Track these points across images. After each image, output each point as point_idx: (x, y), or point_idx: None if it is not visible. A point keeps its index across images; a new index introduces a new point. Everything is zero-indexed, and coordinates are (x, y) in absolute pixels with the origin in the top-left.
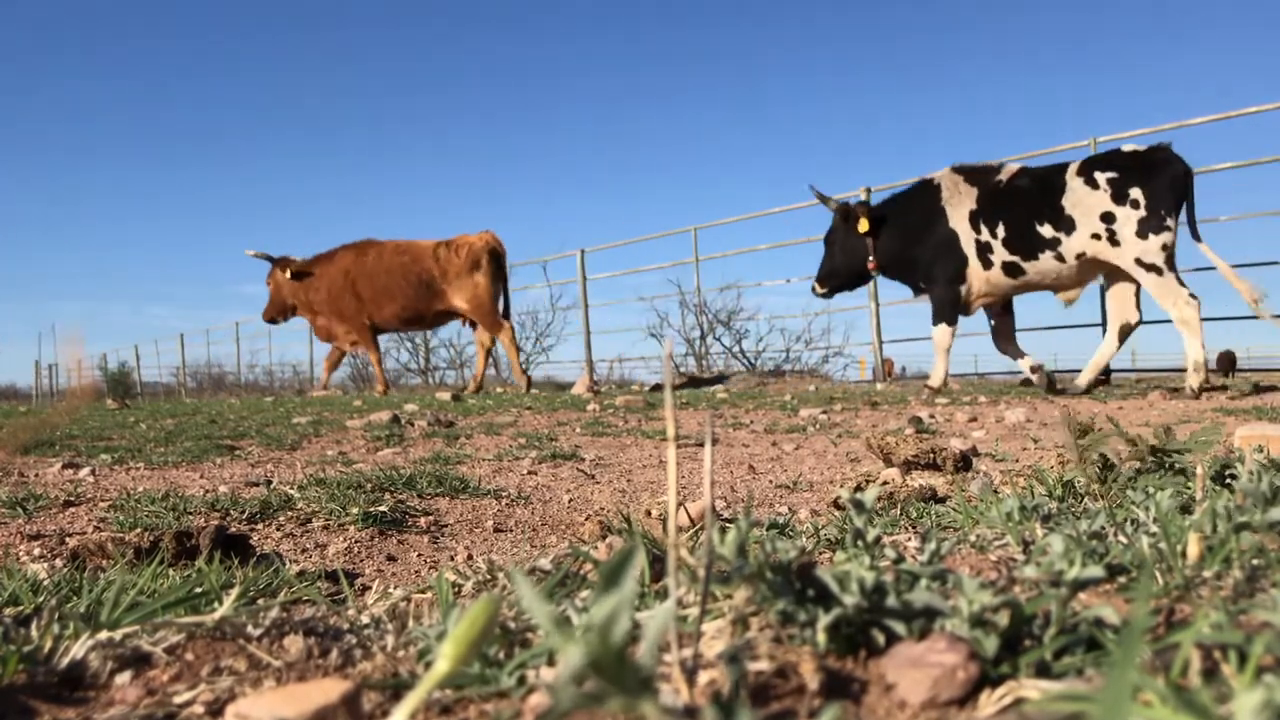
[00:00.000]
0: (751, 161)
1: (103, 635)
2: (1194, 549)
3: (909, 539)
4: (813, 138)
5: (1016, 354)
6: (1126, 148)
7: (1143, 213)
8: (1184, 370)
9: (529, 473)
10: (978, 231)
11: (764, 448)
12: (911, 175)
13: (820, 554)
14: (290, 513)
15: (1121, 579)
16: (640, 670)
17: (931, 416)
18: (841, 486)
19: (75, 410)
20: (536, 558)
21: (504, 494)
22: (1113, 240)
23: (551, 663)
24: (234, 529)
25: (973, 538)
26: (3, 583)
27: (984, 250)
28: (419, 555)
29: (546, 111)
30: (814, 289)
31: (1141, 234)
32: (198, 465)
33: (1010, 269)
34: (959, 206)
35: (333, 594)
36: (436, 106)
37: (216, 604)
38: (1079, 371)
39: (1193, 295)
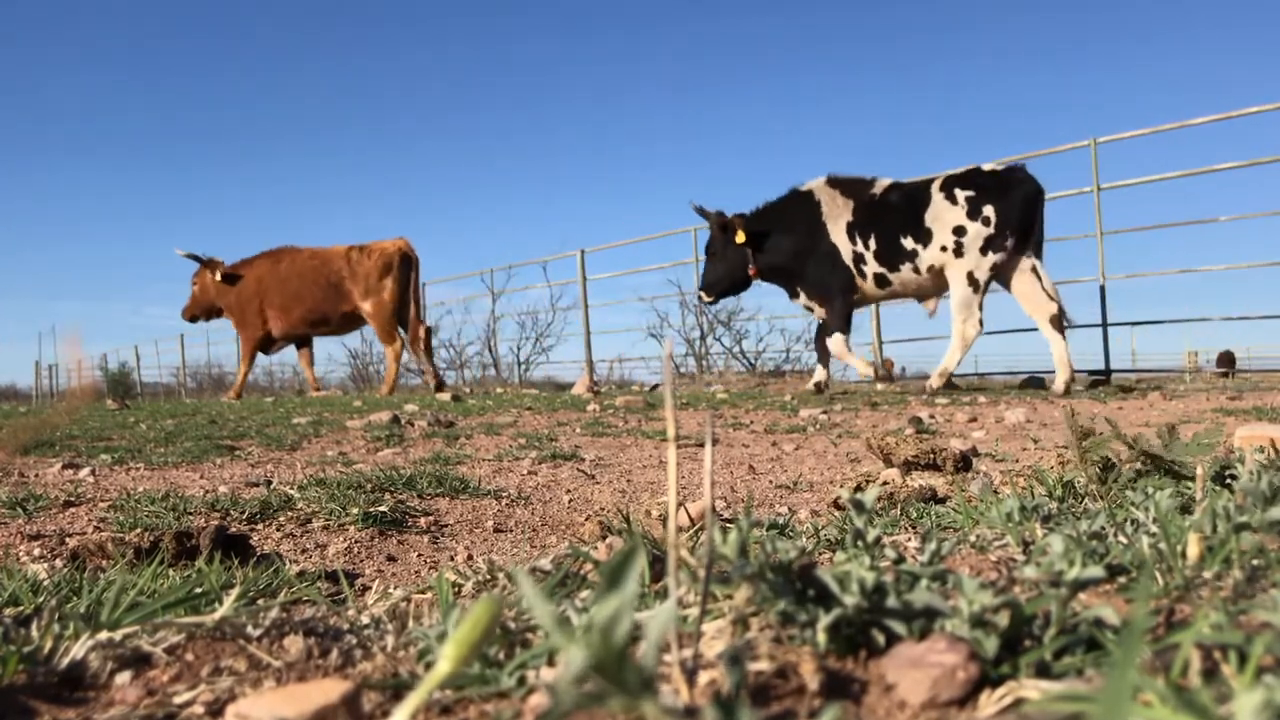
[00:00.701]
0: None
1: (103, 635)
2: (1194, 549)
3: (909, 539)
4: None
5: (826, 359)
6: (986, 167)
7: (991, 230)
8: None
9: (529, 473)
10: (854, 243)
11: (764, 448)
12: (910, 174)
13: (820, 554)
14: (290, 513)
15: (1122, 579)
16: (642, 670)
17: (932, 417)
18: (842, 487)
19: (75, 410)
20: (537, 558)
21: (504, 494)
22: (957, 252)
23: (552, 663)
24: (234, 529)
25: (973, 538)
26: (3, 583)
27: (859, 261)
28: (419, 555)
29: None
30: (700, 297)
31: (984, 250)
32: (198, 465)
33: (880, 280)
34: (838, 219)
35: (333, 594)
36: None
37: (216, 604)
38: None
39: (980, 321)
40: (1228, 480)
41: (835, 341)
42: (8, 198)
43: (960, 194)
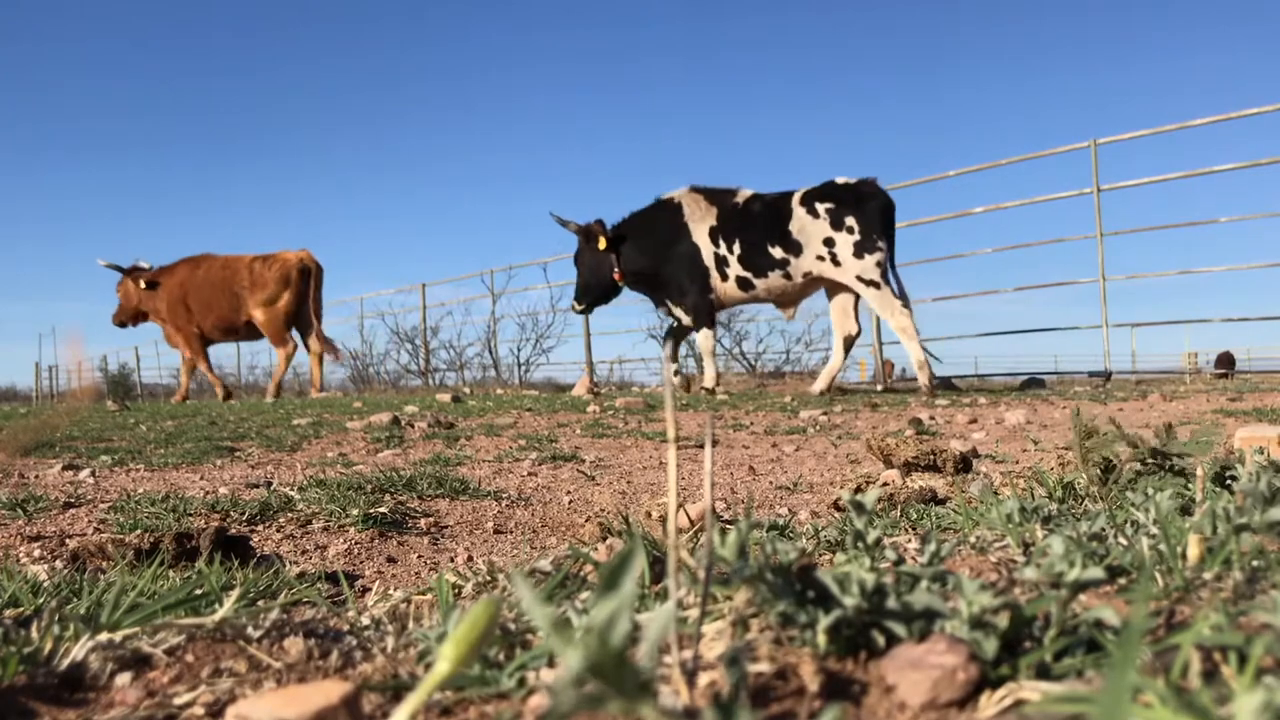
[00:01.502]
0: (751, 162)
1: (103, 637)
2: (1194, 550)
3: (909, 541)
4: (812, 137)
5: (674, 357)
6: (839, 180)
7: (857, 236)
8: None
9: (529, 474)
10: (717, 246)
11: (764, 449)
12: (911, 175)
13: (821, 556)
14: (290, 514)
15: (1122, 580)
16: (639, 673)
17: (932, 418)
18: (842, 488)
19: (75, 412)
20: (537, 559)
21: (504, 495)
22: (834, 261)
23: (552, 664)
24: (234, 530)
25: (973, 539)
26: (3, 584)
27: (721, 263)
28: (419, 557)
29: (546, 111)
30: (573, 307)
31: (858, 254)
32: (198, 467)
33: (743, 283)
34: (700, 223)
35: (333, 595)
36: (436, 106)
37: (217, 605)
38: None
39: (905, 305)
40: (1228, 481)
41: (702, 338)
42: (8, 198)
43: (820, 207)
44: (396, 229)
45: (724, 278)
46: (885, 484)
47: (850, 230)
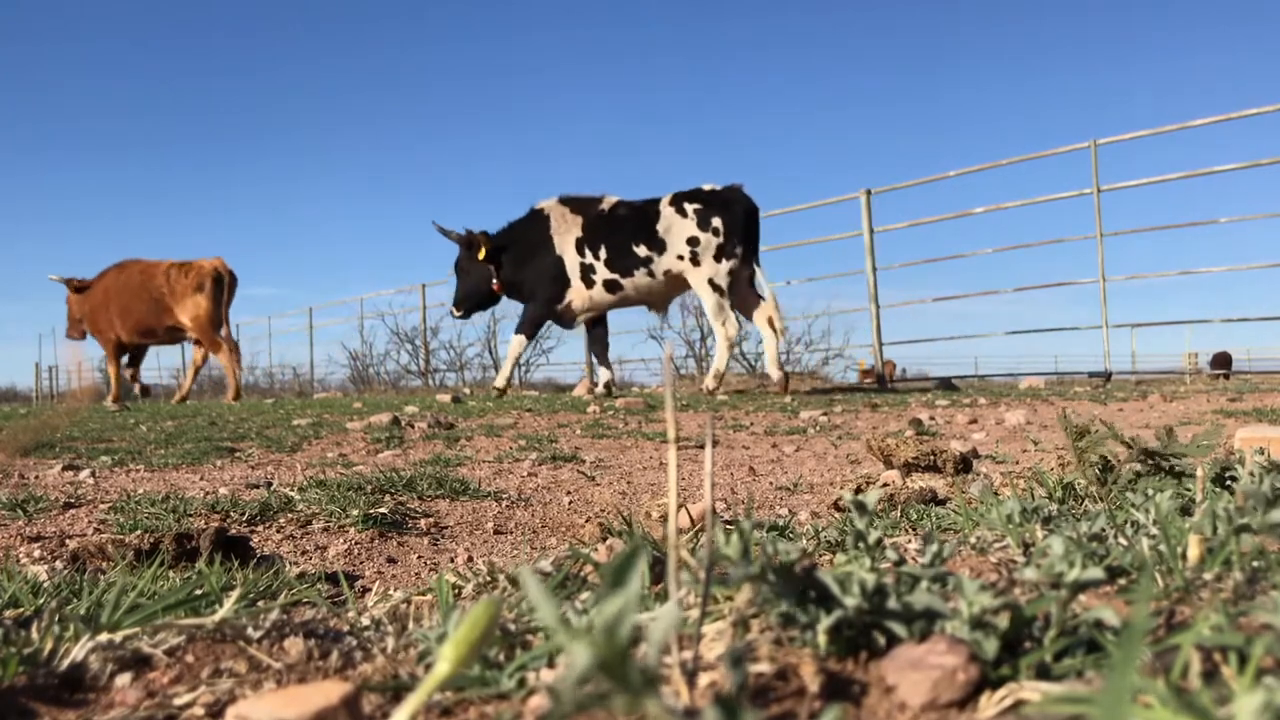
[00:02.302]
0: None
1: (103, 637)
2: (1194, 551)
3: (910, 541)
4: (812, 138)
5: (604, 363)
6: (707, 186)
7: (720, 240)
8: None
9: (529, 474)
10: (583, 255)
11: (764, 449)
12: (911, 175)
13: (821, 556)
14: (290, 515)
15: (1122, 581)
16: (647, 669)
17: (932, 419)
18: (842, 488)
19: (75, 412)
20: (537, 560)
21: (504, 496)
22: (694, 261)
23: (551, 664)
24: (234, 531)
25: (973, 540)
26: (3, 585)
27: (587, 272)
28: (419, 557)
29: (545, 111)
30: (452, 312)
31: (717, 258)
32: (198, 467)
33: (610, 285)
34: (566, 234)
35: (333, 596)
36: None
37: (217, 606)
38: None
39: (737, 320)
40: (1228, 482)
41: (515, 342)
42: (8, 198)
43: (689, 207)
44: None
45: (590, 284)
46: (886, 484)
47: (716, 232)
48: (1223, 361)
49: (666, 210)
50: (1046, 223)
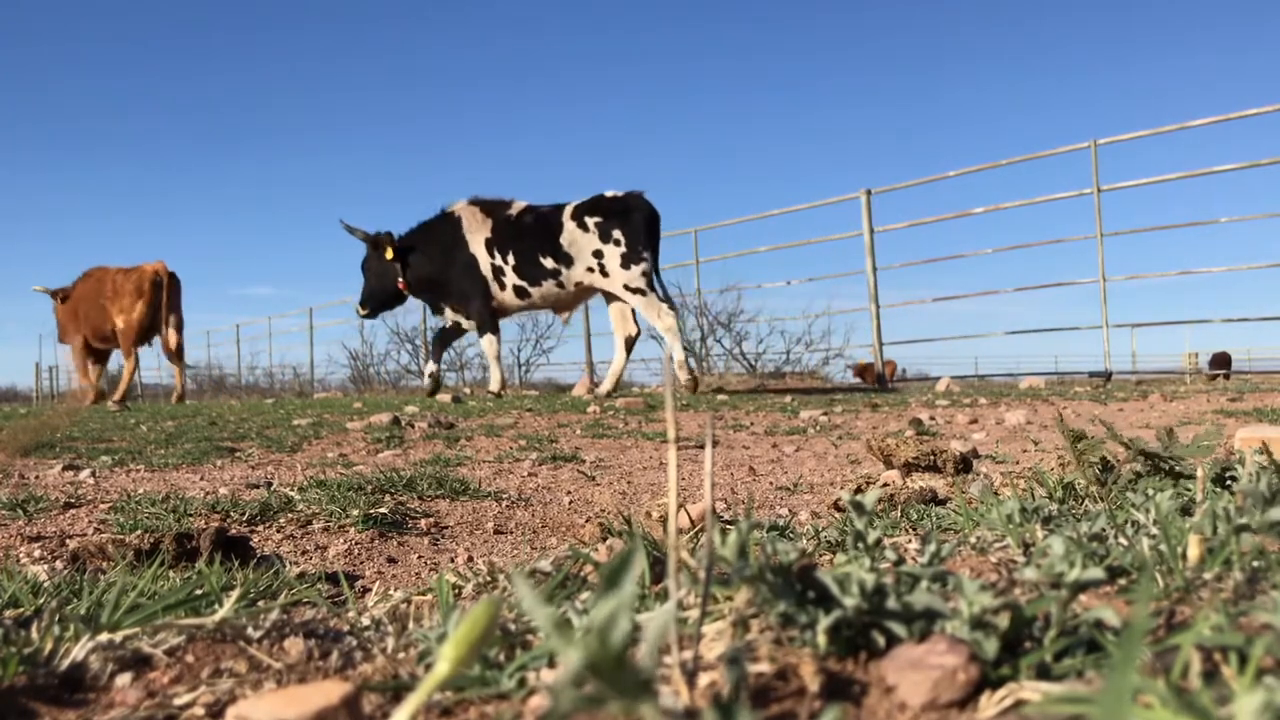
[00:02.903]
0: (752, 163)
1: (103, 637)
2: (1194, 551)
3: (909, 541)
4: (812, 138)
5: (438, 358)
6: (608, 194)
7: (624, 249)
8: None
9: (529, 474)
10: (493, 257)
11: (764, 450)
12: (912, 175)
13: (821, 556)
14: (290, 515)
15: (1122, 581)
16: (640, 673)
17: (932, 419)
18: (842, 488)
19: (76, 412)
20: (537, 560)
21: (504, 496)
22: (603, 272)
23: (552, 664)
24: (234, 531)
25: (973, 540)
26: (3, 584)
27: (498, 273)
28: (419, 557)
29: (545, 111)
30: (358, 310)
31: (624, 265)
32: (198, 467)
33: (519, 291)
34: (477, 234)
35: (333, 596)
36: (436, 107)
37: (217, 606)
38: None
39: (671, 307)
40: (1228, 482)
41: (486, 343)
42: (8, 198)
43: (589, 221)
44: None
45: (502, 287)
46: (885, 484)
47: (617, 243)
48: (1221, 361)
49: (569, 224)
50: (1046, 223)
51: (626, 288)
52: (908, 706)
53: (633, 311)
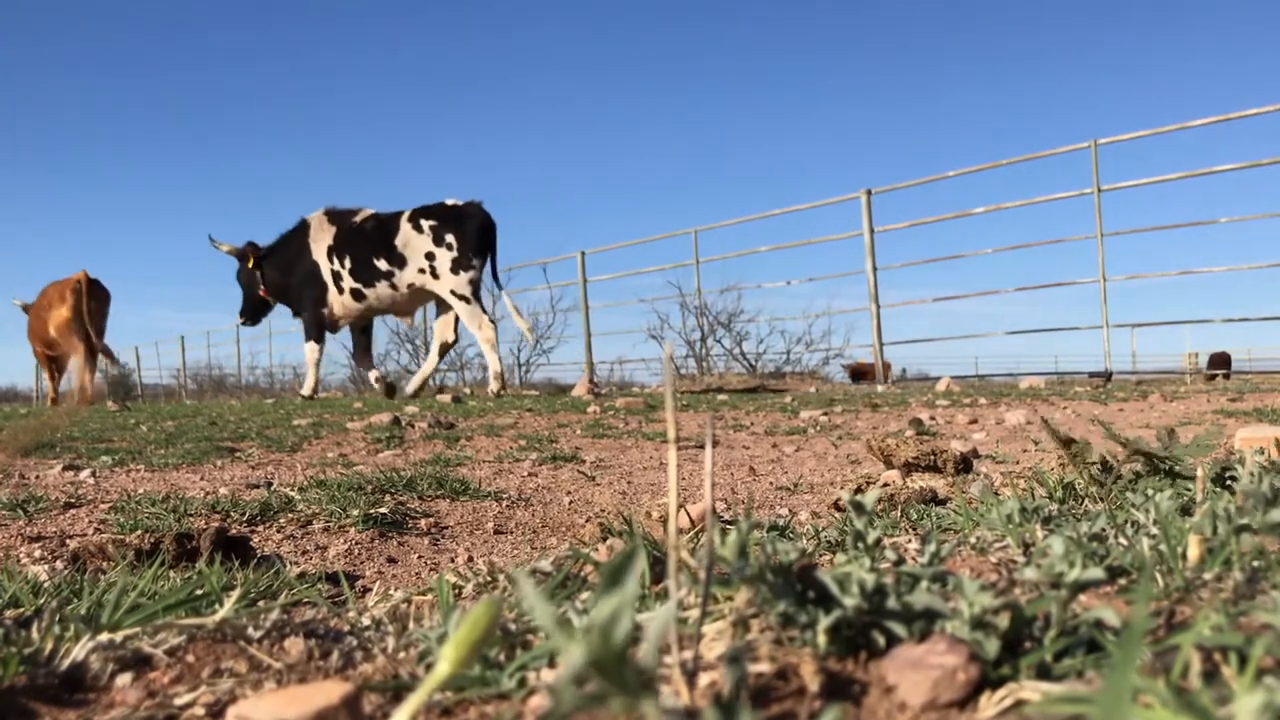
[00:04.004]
0: (752, 163)
1: (103, 637)
2: (1194, 551)
3: (909, 541)
4: (813, 139)
5: (368, 367)
6: (449, 201)
7: (455, 254)
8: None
9: (529, 475)
10: (333, 263)
11: (764, 450)
12: (912, 175)
13: (821, 556)
14: (291, 515)
15: (1122, 581)
16: (642, 671)
17: (932, 419)
18: (842, 488)
19: (76, 412)
20: (537, 560)
21: (504, 496)
22: (434, 274)
23: (552, 664)
24: (234, 531)
25: (973, 540)
26: (4, 585)
27: (337, 278)
28: (419, 557)
29: (545, 112)
30: (239, 320)
31: (454, 270)
32: (198, 467)
33: (356, 294)
34: (320, 242)
35: (333, 596)
36: (436, 107)
37: (217, 606)
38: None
39: (491, 320)
40: (1228, 482)
41: (308, 350)
42: (7, 198)
43: (425, 224)
44: None
45: (340, 291)
46: (885, 484)
47: (450, 247)
48: (1221, 361)
49: (405, 226)
50: (1047, 223)
51: (453, 293)
52: (908, 706)
53: (455, 322)
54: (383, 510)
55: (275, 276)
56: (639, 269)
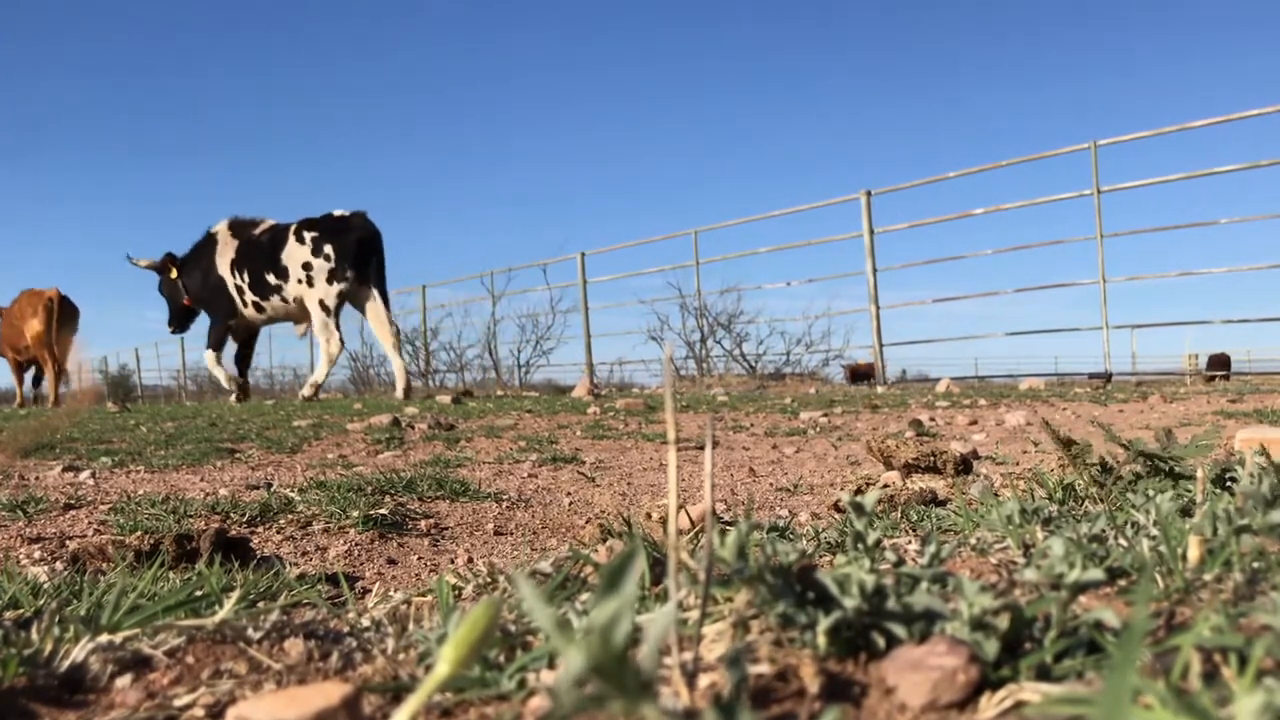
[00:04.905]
0: (752, 164)
1: (103, 638)
2: (1194, 552)
3: (909, 542)
4: (813, 139)
5: (244, 371)
6: (336, 213)
7: (331, 264)
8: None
9: (529, 476)
10: (235, 277)
11: (764, 451)
12: (912, 176)
13: (821, 557)
14: (291, 515)
15: (1122, 582)
16: (641, 673)
17: (932, 420)
18: (842, 489)
19: (76, 413)
20: (537, 561)
21: (504, 497)
22: (310, 283)
23: (552, 665)
24: (234, 532)
25: (973, 541)
26: (3, 586)
27: (241, 292)
28: (419, 558)
29: (546, 113)
30: (170, 330)
31: (329, 281)
32: (198, 468)
33: (257, 307)
34: (225, 257)
35: (333, 597)
36: (437, 107)
37: (217, 607)
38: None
39: (341, 340)
40: (1228, 483)
41: (206, 356)
42: (7, 198)
43: (307, 235)
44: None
45: (244, 304)
46: (885, 485)
47: (327, 258)
48: (1220, 363)
49: (291, 239)
50: (1047, 224)
51: (320, 302)
52: (908, 707)
53: (383, 314)
54: (383, 511)
55: (194, 288)
56: (639, 270)
